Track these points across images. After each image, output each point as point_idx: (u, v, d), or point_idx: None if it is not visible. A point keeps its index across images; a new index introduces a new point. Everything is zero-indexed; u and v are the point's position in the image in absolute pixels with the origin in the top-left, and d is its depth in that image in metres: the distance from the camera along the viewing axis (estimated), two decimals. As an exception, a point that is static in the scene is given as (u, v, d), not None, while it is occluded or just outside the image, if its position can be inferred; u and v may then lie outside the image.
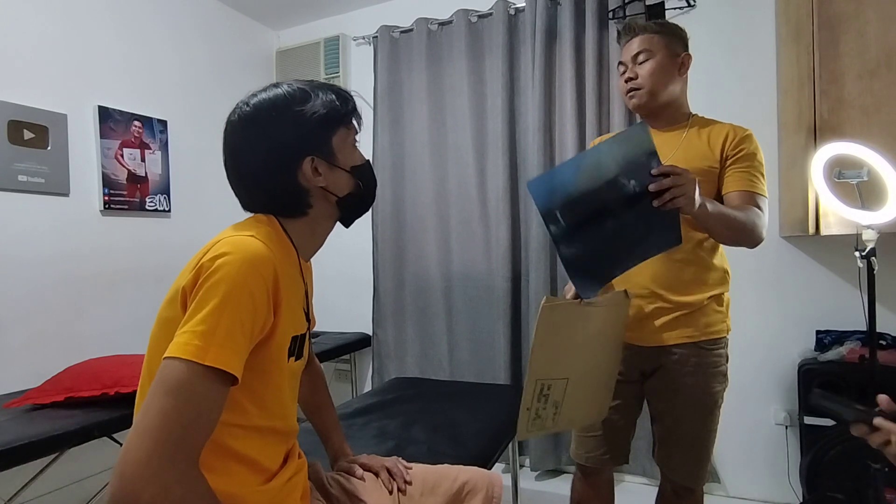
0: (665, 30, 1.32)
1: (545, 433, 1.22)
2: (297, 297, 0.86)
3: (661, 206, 0.98)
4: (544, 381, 1.10)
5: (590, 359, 1.18)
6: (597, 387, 1.24)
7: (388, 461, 1.10)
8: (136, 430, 0.62)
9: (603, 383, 1.26)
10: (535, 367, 1.08)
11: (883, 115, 1.72)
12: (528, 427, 1.13)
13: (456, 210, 2.63)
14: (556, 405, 1.14)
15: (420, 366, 2.71)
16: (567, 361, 1.13)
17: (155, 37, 2.47)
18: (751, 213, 1.23)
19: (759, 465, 2.15)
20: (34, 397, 1.63)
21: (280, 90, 0.85)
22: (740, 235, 1.24)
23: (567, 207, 0.99)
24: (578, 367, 1.15)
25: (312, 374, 1.14)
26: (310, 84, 0.87)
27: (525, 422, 1.12)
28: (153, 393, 0.64)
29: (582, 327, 1.14)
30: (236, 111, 0.86)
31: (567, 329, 1.11)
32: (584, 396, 1.20)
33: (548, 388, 1.11)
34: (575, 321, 1.12)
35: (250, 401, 0.78)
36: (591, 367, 1.19)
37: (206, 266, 0.71)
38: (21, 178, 1.96)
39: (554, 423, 1.16)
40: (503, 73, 2.48)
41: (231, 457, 0.77)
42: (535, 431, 1.16)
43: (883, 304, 1.92)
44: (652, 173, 0.98)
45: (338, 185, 0.87)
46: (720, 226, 1.18)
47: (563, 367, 1.12)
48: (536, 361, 1.08)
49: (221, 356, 0.66)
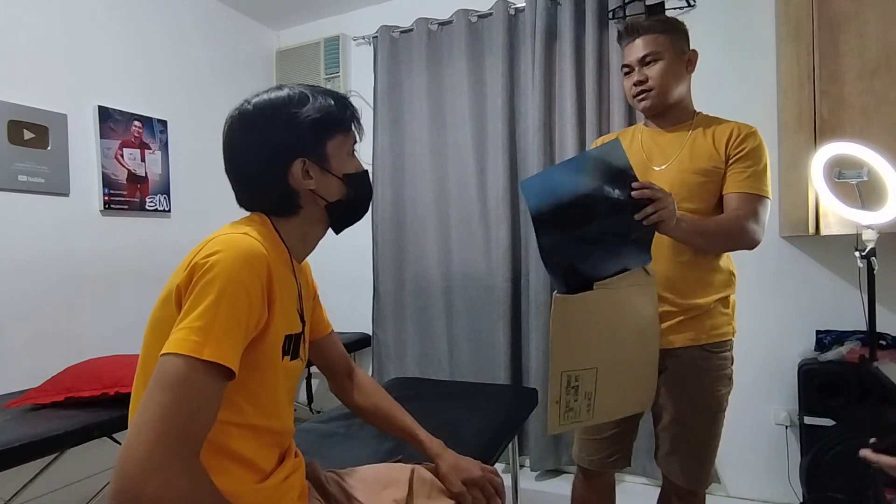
0: (669, 28, 1.30)
1: (581, 425, 1.19)
2: (291, 297, 0.87)
3: (643, 219, 1.05)
4: (570, 373, 1.09)
5: (619, 345, 1.14)
6: (635, 373, 1.19)
7: (479, 478, 1.07)
8: (136, 426, 0.63)
9: (642, 368, 1.20)
10: (557, 361, 1.07)
11: (883, 115, 1.72)
12: (562, 420, 1.11)
13: (456, 210, 2.63)
14: (588, 396, 1.12)
15: (420, 366, 2.70)
16: (592, 351, 1.10)
17: (155, 37, 2.47)
18: (738, 219, 1.22)
19: (759, 466, 2.15)
20: (34, 397, 1.63)
21: (282, 92, 0.87)
22: (724, 244, 1.26)
23: (555, 208, 1.07)
24: (607, 355, 1.12)
25: (362, 380, 1.15)
26: (312, 88, 0.88)
27: (556, 415, 1.10)
28: (151, 389, 0.65)
29: (602, 314, 1.10)
30: (237, 108, 0.88)
31: (585, 318, 1.09)
32: (620, 384, 1.16)
33: (576, 379, 1.10)
34: (592, 309, 1.09)
35: (245, 399, 0.78)
36: (623, 352, 1.15)
37: (200, 264, 0.71)
38: (21, 178, 1.96)
39: (590, 414, 1.14)
40: (503, 73, 2.48)
41: (226, 455, 0.77)
42: (569, 424, 1.13)
43: (883, 304, 1.92)
44: (633, 186, 1.06)
45: (328, 190, 0.88)
46: (699, 239, 1.22)
47: (588, 357, 1.10)
48: (557, 354, 1.07)
49: (218, 351, 0.67)
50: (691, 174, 1.27)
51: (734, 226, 1.22)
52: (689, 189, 1.27)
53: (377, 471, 1.09)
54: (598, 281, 1.09)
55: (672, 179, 1.28)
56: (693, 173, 1.27)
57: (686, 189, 1.27)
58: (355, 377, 1.15)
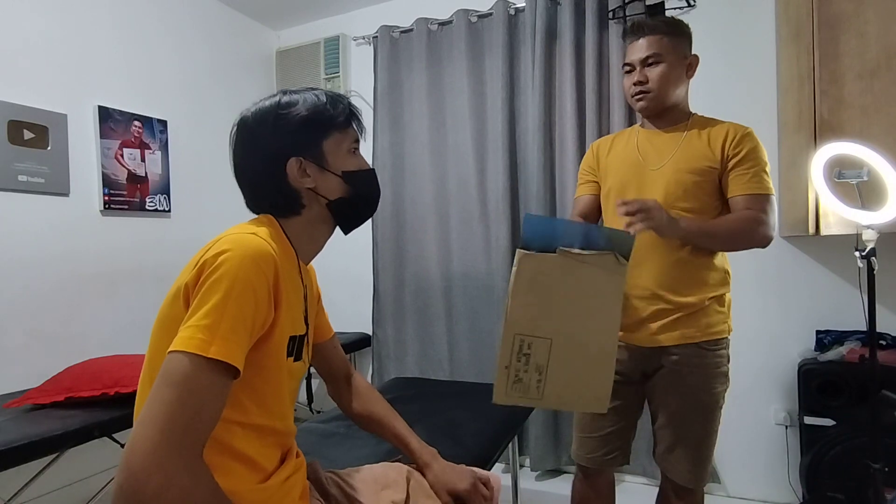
0: (675, 30, 1.31)
1: (529, 404, 1.13)
2: (297, 298, 0.87)
3: (629, 225, 1.13)
4: (524, 337, 1.06)
5: (577, 326, 1.10)
6: (589, 361, 1.13)
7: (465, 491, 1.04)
8: (142, 422, 0.64)
9: (597, 357, 1.14)
10: (512, 320, 1.05)
11: (883, 115, 1.72)
12: (508, 390, 1.08)
13: (456, 210, 2.63)
14: (539, 370, 1.08)
15: (420, 366, 2.70)
16: (549, 320, 1.08)
17: (155, 37, 2.47)
18: (749, 219, 1.24)
19: (759, 465, 2.15)
20: (34, 397, 1.62)
21: (276, 97, 0.89)
22: (734, 243, 1.28)
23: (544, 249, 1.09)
24: (564, 330, 1.09)
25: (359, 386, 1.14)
26: (309, 90, 0.90)
27: (504, 382, 1.07)
28: (157, 386, 0.66)
29: (565, 284, 1.08)
30: (240, 117, 0.90)
31: (547, 282, 1.07)
32: (572, 371, 1.12)
33: (528, 346, 1.06)
34: (556, 275, 1.07)
35: (250, 398, 0.79)
36: (581, 332, 1.11)
37: (208, 262, 0.72)
38: (21, 178, 1.96)
39: (539, 393, 1.10)
40: (503, 73, 2.48)
41: (229, 454, 0.77)
42: (515, 397, 1.10)
43: (883, 304, 1.92)
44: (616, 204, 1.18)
45: (328, 188, 0.89)
46: (706, 240, 1.26)
47: (545, 326, 1.07)
48: (514, 313, 1.04)
49: (224, 349, 0.68)
50: (686, 174, 1.29)
51: (745, 226, 1.24)
52: (684, 188, 1.29)
53: (377, 471, 1.09)
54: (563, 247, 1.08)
55: (667, 179, 1.31)
56: (688, 173, 1.29)
57: (681, 188, 1.29)
58: (353, 382, 1.15)
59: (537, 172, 2.39)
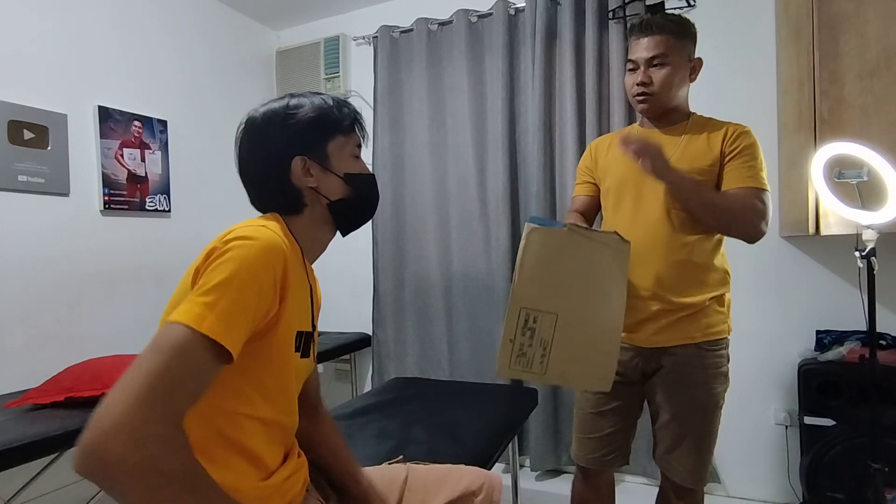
0: (682, 31, 1.30)
1: (531, 378, 1.13)
2: (303, 294, 0.88)
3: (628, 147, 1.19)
4: (530, 311, 1.06)
5: (583, 302, 1.11)
6: (593, 341, 1.14)
7: None
8: (119, 384, 0.61)
9: (602, 335, 1.14)
10: (519, 293, 1.05)
11: (883, 115, 1.72)
12: (512, 363, 1.08)
13: (456, 210, 2.63)
14: (543, 345, 1.08)
15: (420, 366, 2.70)
16: (556, 295, 1.08)
17: (155, 37, 2.47)
18: (748, 204, 1.23)
19: (759, 465, 2.15)
20: (34, 397, 1.63)
21: (284, 100, 0.91)
22: (726, 223, 1.26)
23: None
24: (570, 307, 1.09)
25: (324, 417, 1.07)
26: (315, 94, 0.92)
27: (507, 355, 1.07)
28: (144, 351, 0.64)
29: (573, 260, 1.09)
30: (247, 117, 0.92)
31: (554, 256, 1.07)
32: (577, 347, 1.11)
33: (534, 320, 1.07)
34: (565, 250, 1.08)
35: (256, 390, 0.79)
36: (586, 308, 1.11)
37: (218, 248, 0.74)
38: (21, 178, 1.96)
39: (542, 368, 1.09)
40: (503, 73, 2.48)
41: (234, 449, 0.77)
42: (519, 371, 1.10)
43: (883, 304, 1.92)
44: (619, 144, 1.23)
45: (329, 189, 0.90)
46: (700, 206, 1.24)
47: (551, 300, 1.08)
48: (522, 286, 1.05)
49: (218, 328, 0.67)
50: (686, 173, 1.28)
51: (744, 209, 1.23)
52: None
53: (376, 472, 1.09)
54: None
55: None
56: (688, 172, 1.28)
57: None
58: (320, 412, 1.08)
59: (537, 172, 2.39)
